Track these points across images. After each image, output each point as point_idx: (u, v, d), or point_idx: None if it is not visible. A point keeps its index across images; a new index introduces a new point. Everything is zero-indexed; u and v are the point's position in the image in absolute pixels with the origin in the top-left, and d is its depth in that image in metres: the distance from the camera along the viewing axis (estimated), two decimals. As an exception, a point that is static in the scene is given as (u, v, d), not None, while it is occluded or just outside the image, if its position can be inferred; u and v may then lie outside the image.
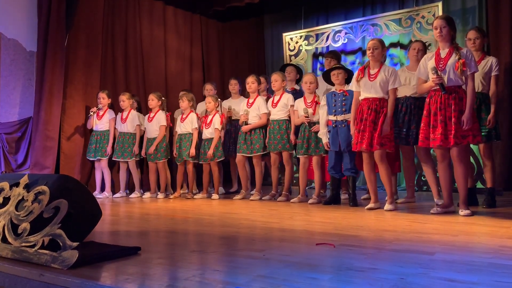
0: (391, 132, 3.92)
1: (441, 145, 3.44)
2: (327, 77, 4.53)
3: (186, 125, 5.54)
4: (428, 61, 3.61)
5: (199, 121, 5.56)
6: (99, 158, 5.70)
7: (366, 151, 3.90)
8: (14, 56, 5.47)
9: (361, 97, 3.99)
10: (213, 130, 5.37)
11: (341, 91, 4.37)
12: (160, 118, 5.69)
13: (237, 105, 5.62)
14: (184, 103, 5.55)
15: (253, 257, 2.17)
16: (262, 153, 5.10)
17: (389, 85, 3.91)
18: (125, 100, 5.83)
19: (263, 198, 5.06)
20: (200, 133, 5.56)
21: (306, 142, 4.67)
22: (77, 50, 5.82)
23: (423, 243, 2.45)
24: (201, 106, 6.00)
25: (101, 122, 5.79)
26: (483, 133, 3.88)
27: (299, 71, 5.43)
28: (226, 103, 5.85)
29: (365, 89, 3.96)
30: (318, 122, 4.63)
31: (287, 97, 4.98)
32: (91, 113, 5.71)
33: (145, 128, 5.83)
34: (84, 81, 5.90)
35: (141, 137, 5.88)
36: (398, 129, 4.19)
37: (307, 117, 4.64)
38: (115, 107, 6.02)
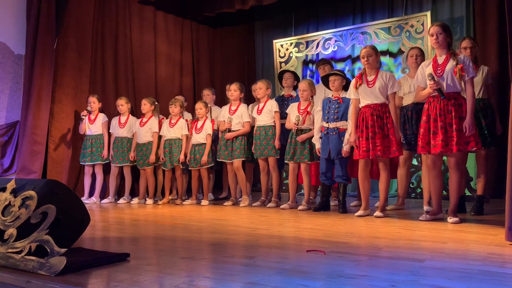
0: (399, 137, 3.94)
1: (442, 151, 3.45)
2: (326, 82, 4.54)
3: (176, 130, 5.52)
4: (426, 68, 3.63)
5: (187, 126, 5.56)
6: (97, 162, 5.65)
7: (382, 158, 3.87)
8: (2, 59, 5.41)
9: (361, 104, 3.98)
10: (205, 136, 5.35)
11: (336, 98, 4.38)
12: (153, 124, 5.66)
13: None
14: (176, 108, 5.53)
15: (243, 264, 2.16)
16: (242, 159, 5.11)
17: (388, 90, 3.92)
18: (123, 104, 5.79)
19: (253, 204, 5.05)
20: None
21: (292, 149, 4.68)
22: (67, 54, 5.77)
23: (413, 250, 2.46)
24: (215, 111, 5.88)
25: (94, 126, 5.73)
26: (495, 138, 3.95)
27: (296, 77, 5.44)
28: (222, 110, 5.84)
29: (365, 96, 3.95)
30: (306, 131, 4.65)
31: (271, 104, 5.01)
32: (83, 117, 5.65)
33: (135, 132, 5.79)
34: (73, 85, 5.85)
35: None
36: (414, 136, 4.13)
37: (297, 124, 4.64)
38: (105, 111, 5.97)
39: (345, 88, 4.41)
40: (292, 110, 4.77)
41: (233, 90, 5.25)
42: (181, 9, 7.26)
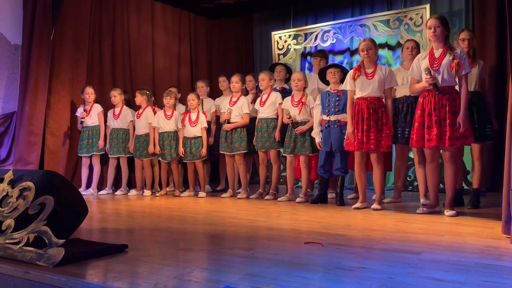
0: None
1: (436, 145, 3.47)
2: (323, 76, 4.52)
3: (171, 123, 5.50)
4: (422, 61, 3.61)
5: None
6: (94, 153, 5.64)
7: (375, 151, 3.88)
8: (-2, 49, 5.37)
9: (356, 96, 3.97)
10: (201, 129, 5.34)
11: (335, 90, 4.37)
12: (148, 116, 5.64)
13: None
14: (171, 100, 5.51)
15: (242, 255, 2.17)
16: (243, 152, 5.11)
17: (386, 84, 3.92)
18: (116, 95, 5.77)
19: (250, 196, 5.06)
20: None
21: (292, 142, 4.67)
22: (63, 45, 5.73)
23: (411, 242, 2.47)
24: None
25: (90, 117, 5.73)
26: (487, 133, 3.95)
27: (288, 70, 5.42)
28: (217, 102, 5.85)
29: (362, 88, 3.93)
30: (302, 123, 4.64)
31: (275, 96, 4.98)
32: (82, 120, 5.66)
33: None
34: (70, 76, 5.82)
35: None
36: (401, 129, 4.18)
37: (289, 118, 4.63)
38: (101, 102, 5.94)
39: (342, 81, 4.41)
40: (286, 105, 4.76)
41: (235, 82, 5.23)
42: (179, 0, 7.20)
